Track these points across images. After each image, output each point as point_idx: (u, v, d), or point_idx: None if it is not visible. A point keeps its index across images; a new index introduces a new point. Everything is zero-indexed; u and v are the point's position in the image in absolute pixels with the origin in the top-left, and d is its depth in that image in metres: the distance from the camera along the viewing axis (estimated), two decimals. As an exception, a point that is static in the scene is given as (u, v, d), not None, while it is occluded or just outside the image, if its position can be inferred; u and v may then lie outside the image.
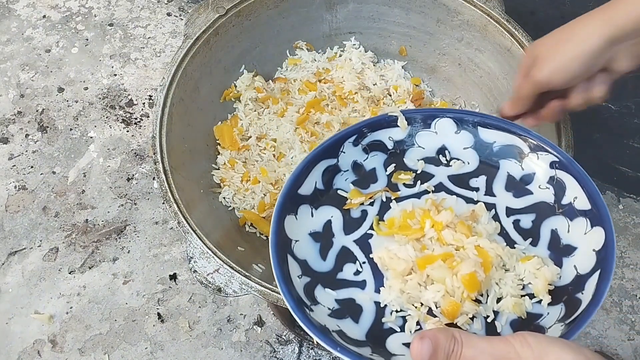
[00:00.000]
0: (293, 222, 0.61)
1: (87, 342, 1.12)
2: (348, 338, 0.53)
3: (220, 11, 0.88)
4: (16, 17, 1.54)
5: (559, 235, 0.59)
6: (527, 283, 0.57)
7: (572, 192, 0.60)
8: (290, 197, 0.62)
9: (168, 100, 0.82)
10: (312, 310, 0.55)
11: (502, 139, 0.64)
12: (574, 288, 0.55)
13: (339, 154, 0.66)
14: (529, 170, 0.63)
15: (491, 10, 0.87)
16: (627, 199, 1.26)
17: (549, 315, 0.54)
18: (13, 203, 1.27)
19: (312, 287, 0.58)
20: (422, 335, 0.45)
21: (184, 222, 0.73)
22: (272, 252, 0.57)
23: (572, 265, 0.56)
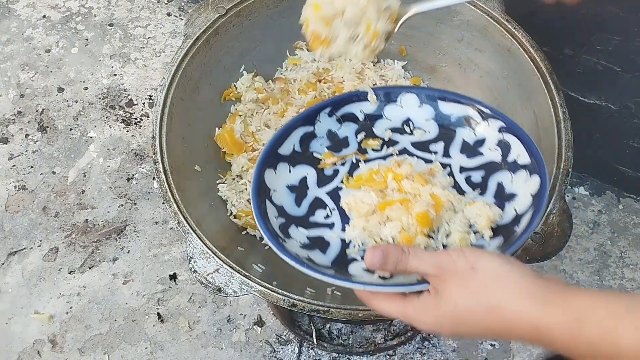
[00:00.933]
0: (272, 175, 0.70)
1: (87, 342, 1.12)
2: (315, 264, 0.61)
3: (220, 11, 0.88)
4: (16, 17, 1.54)
5: (504, 186, 0.68)
6: (473, 223, 0.65)
7: (516, 151, 0.68)
8: (271, 155, 0.71)
9: (168, 100, 0.82)
10: (285, 241, 0.63)
11: (459, 110, 0.73)
12: (512, 224, 0.63)
13: (315, 123, 0.75)
14: (481, 135, 0.72)
15: (491, 10, 0.87)
16: (627, 199, 1.26)
17: (489, 246, 0.62)
18: (13, 203, 1.27)
19: (287, 227, 0.66)
20: (375, 247, 0.52)
21: (184, 222, 0.73)
22: (252, 195, 0.66)
23: (512, 208, 0.65)
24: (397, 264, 0.51)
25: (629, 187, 1.26)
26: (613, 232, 1.22)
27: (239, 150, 0.91)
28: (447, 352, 1.11)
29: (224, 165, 0.94)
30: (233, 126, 0.93)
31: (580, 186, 1.28)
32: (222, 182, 0.90)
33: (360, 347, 1.10)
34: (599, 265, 1.18)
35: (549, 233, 0.70)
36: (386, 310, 0.54)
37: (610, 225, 1.23)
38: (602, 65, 1.04)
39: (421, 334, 1.12)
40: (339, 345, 1.10)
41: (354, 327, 1.13)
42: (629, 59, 1.00)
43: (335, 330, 1.12)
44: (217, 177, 0.91)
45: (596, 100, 1.11)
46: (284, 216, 0.68)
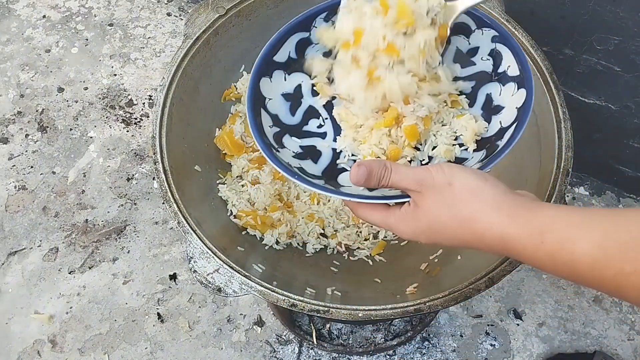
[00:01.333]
0: (268, 83, 0.70)
1: (87, 342, 1.12)
2: (306, 173, 0.63)
3: (220, 11, 0.88)
4: (16, 17, 1.54)
5: (492, 98, 0.68)
6: (459, 135, 0.66)
7: (506, 62, 0.68)
8: (266, 62, 0.70)
9: (168, 100, 0.82)
10: (278, 151, 0.64)
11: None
12: (496, 138, 0.64)
13: (311, 29, 0.73)
14: (475, 44, 0.71)
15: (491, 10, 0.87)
16: (627, 199, 1.26)
17: (472, 159, 0.64)
18: (13, 203, 1.27)
19: (281, 136, 0.67)
20: (359, 163, 0.54)
21: (184, 222, 0.73)
22: (247, 104, 0.66)
23: (498, 121, 0.65)
24: (380, 179, 0.54)
25: (629, 187, 1.26)
26: (613, 232, 1.22)
27: (239, 152, 0.91)
28: (447, 352, 1.11)
29: (224, 165, 0.94)
30: (232, 127, 0.93)
31: (580, 186, 1.28)
32: (222, 182, 0.90)
33: (360, 347, 1.10)
34: (599, 265, 1.18)
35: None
36: (370, 219, 0.58)
37: (610, 225, 1.23)
38: (602, 65, 1.04)
39: (421, 334, 1.12)
40: (339, 345, 1.10)
41: (354, 327, 1.13)
42: (629, 59, 1.00)
43: (335, 330, 1.12)
44: (217, 177, 0.91)
45: (596, 100, 1.11)
46: (278, 125, 0.69)
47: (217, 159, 0.93)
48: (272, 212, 0.85)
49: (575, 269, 0.45)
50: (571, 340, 1.12)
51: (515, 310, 1.15)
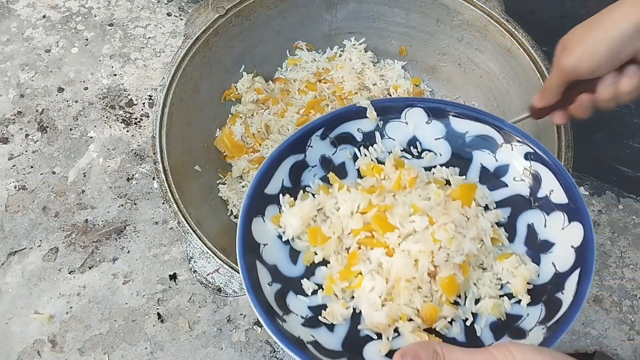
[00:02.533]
0: (260, 224, 0.58)
1: (87, 342, 1.12)
2: (324, 349, 0.51)
3: (220, 11, 0.88)
4: (16, 17, 1.54)
5: (536, 230, 0.57)
6: (505, 282, 0.55)
7: (548, 185, 0.58)
8: (257, 198, 0.59)
9: (168, 100, 0.82)
10: (284, 320, 0.53)
11: (475, 129, 0.62)
12: (553, 287, 0.53)
13: (306, 149, 0.63)
14: (503, 161, 0.61)
15: (491, 10, 0.87)
16: (627, 199, 1.26)
17: (528, 316, 0.53)
18: (13, 203, 1.27)
19: (284, 295, 0.55)
20: (403, 353, 0.44)
21: (184, 222, 0.73)
22: (239, 259, 0.54)
23: (550, 263, 0.55)
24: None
25: (629, 187, 1.26)
26: (613, 232, 1.22)
27: (239, 153, 0.91)
28: (447, 352, 1.11)
29: (224, 165, 0.94)
30: (232, 129, 0.93)
31: (580, 186, 1.28)
32: (222, 182, 0.90)
33: (360, 347, 1.10)
34: (599, 265, 1.18)
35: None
36: None
37: (610, 225, 1.23)
38: (602, 65, 1.04)
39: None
40: (339, 345, 1.10)
41: (354, 327, 1.13)
42: (629, 59, 1.00)
43: None
44: (218, 177, 0.91)
45: (596, 100, 1.11)
46: (279, 280, 0.56)
47: (217, 159, 0.93)
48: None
49: None
50: (571, 340, 1.12)
51: (515, 310, 1.15)
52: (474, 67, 0.95)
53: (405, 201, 0.56)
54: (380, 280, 0.53)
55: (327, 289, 0.56)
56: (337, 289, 0.55)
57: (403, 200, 0.56)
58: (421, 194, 0.57)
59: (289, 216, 0.58)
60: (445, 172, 0.61)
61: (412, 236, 0.54)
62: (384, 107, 0.64)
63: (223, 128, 0.93)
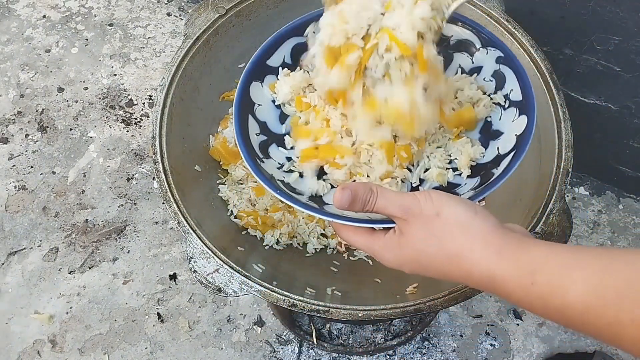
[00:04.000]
0: (259, 88, 0.67)
1: (87, 342, 1.12)
2: (290, 187, 0.60)
3: (220, 11, 0.88)
4: (16, 17, 1.54)
5: (492, 122, 0.65)
6: (453, 159, 0.64)
7: (509, 85, 0.64)
8: (259, 66, 0.67)
9: (168, 100, 0.82)
10: (263, 162, 0.61)
11: (460, 32, 0.67)
12: (492, 165, 0.61)
13: (308, 33, 0.69)
14: (478, 63, 0.67)
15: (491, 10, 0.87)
16: (627, 199, 1.26)
17: (465, 185, 0.61)
18: (13, 203, 1.27)
19: (267, 145, 0.64)
20: (344, 186, 0.51)
21: (184, 222, 0.73)
22: (235, 108, 0.62)
23: (495, 147, 0.62)
24: (365, 204, 0.51)
25: (629, 187, 1.26)
26: (613, 232, 1.22)
27: (235, 159, 0.90)
28: (447, 352, 1.11)
29: (224, 166, 0.94)
30: (225, 136, 0.92)
31: (580, 186, 1.28)
32: (222, 182, 0.90)
33: (360, 347, 1.10)
34: (599, 265, 1.18)
35: (548, 233, 0.70)
36: (353, 242, 0.55)
37: (610, 225, 1.23)
38: (602, 65, 1.04)
39: (421, 334, 1.12)
40: (339, 345, 1.10)
41: (354, 327, 1.13)
42: (629, 59, 1.00)
43: (335, 330, 1.12)
44: (218, 177, 0.91)
45: (596, 100, 1.11)
46: (266, 133, 0.65)
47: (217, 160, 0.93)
48: (274, 212, 0.85)
49: (567, 315, 0.42)
50: (571, 340, 1.12)
51: (515, 310, 1.15)
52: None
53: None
54: (348, 142, 0.63)
55: (302, 158, 0.65)
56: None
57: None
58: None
59: (282, 84, 0.67)
60: None
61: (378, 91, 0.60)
62: None
63: (216, 135, 0.93)
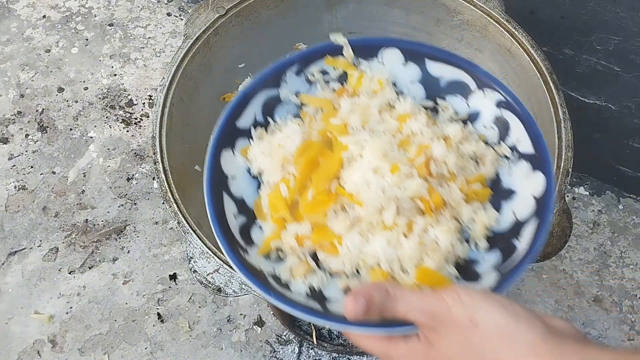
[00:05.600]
0: (230, 157, 0.58)
1: (87, 342, 1.12)
2: (283, 282, 0.51)
3: (220, 11, 0.88)
4: (16, 17, 1.54)
5: (500, 177, 0.57)
6: (465, 227, 0.55)
7: (516, 134, 0.57)
8: (228, 130, 0.59)
9: (168, 100, 0.82)
10: (246, 251, 0.52)
11: (450, 73, 0.60)
12: (511, 234, 0.53)
13: (281, 84, 0.62)
14: (475, 108, 0.60)
15: (491, 10, 0.87)
16: (627, 199, 1.26)
17: (484, 261, 0.53)
18: (13, 203, 1.27)
19: (248, 227, 0.55)
20: (356, 293, 0.43)
21: (184, 222, 0.73)
22: (205, 189, 0.55)
23: (510, 211, 0.54)
24: (383, 309, 0.43)
25: (629, 187, 1.26)
26: (613, 232, 1.22)
27: None
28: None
29: (224, 165, 0.93)
30: None
31: (580, 186, 1.28)
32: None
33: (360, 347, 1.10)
34: (599, 265, 1.18)
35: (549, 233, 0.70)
36: (367, 348, 0.47)
37: (610, 225, 1.23)
38: (602, 65, 1.04)
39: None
40: (339, 345, 1.10)
41: (354, 327, 1.13)
42: (629, 59, 1.00)
43: (335, 330, 1.13)
44: (217, 177, 0.91)
45: (596, 100, 1.11)
46: (244, 212, 0.56)
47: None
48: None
49: None
50: (571, 340, 1.12)
51: None
52: (474, 67, 0.95)
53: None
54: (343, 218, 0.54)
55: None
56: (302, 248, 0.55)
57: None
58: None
59: (257, 150, 0.58)
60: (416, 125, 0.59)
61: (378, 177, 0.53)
62: (360, 46, 0.62)
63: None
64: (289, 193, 0.55)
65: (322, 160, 0.55)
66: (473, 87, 0.60)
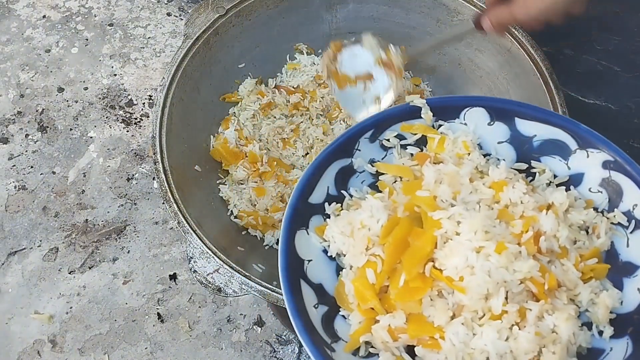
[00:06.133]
0: (304, 238, 0.52)
1: (87, 342, 1.12)
2: None
3: (220, 11, 0.88)
4: (16, 17, 1.54)
5: (617, 249, 0.50)
6: (583, 310, 0.48)
7: (631, 198, 0.50)
8: (300, 208, 0.53)
9: (168, 100, 0.82)
10: (333, 350, 0.47)
11: (544, 132, 0.55)
12: (639, 317, 0.46)
13: (354, 153, 0.57)
14: (577, 170, 0.54)
15: (491, 11, 0.87)
16: (627, 199, 1.26)
17: (612, 351, 0.45)
18: (13, 203, 1.27)
19: (331, 318, 0.49)
20: None
21: (184, 222, 0.73)
22: (282, 280, 0.48)
23: (635, 288, 0.47)
24: None
25: (629, 187, 1.26)
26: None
27: (235, 160, 0.90)
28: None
29: (224, 166, 0.94)
30: (226, 137, 0.92)
31: (580, 186, 1.28)
32: (222, 182, 0.90)
33: (360, 347, 1.10)
34: (599, 265, 1.18)
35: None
36: None
37: (610, 225, 1.23)
38: (602, 65, 1.04)
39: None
40: (339, 345, 1.10)
41: (354, 327, 1.12)
42: (629, 59, 1.00)
43: None
44: (218, 177, 0.91)
45: (596, 100, 1.11)
46: (326, 301, 0.50)
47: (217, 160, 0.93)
48: (274, 212, 0.85)
49: None
50: (571, 340, 1.12)
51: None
52: (474, 67, 0.95)
53: None
54: (442, 307, 0.48)
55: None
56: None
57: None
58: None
59: (335, 230, 0.51)
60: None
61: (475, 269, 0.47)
62: (440, 107, 0.57)
63: (217, 136, 0.93)
64: (377, 279, 0.48)
65: (413, 240, 0.49)
66: (573, 146, 0.54)
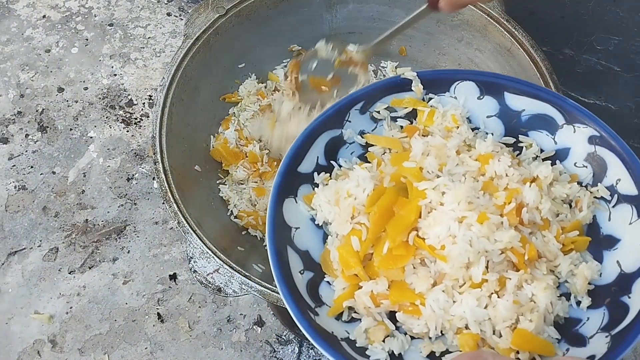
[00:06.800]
0: (292, 205, 0.53)
1: (87, 342, 1.12)
2: (359, 348, 0.47)
3: (220, 11, 0.88)
4: (16, 17, 1.54)
5: (598, 223, 0.51)
6: (563, 281, 0.49)
7: (614, 173, 0.51)
8: (289, 177, 0.53)
9: (168, 100, 0.82)
10: (316, 314, 0.48)
11: (532, 106, 0.55)
12: (617, 289, 0.46)
13: (344, 124, 0.57)
14: (563, 144, 0.54)
15: (491, 10, 0.87)
16: (627, 199, 1.26)
17: (589, 320, 0.46)
18: (13, 203, 1.27)
19: (316, 284, 0.51)
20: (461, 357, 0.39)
21: (184, 222, 0.73)
22: (269, 244, 0.50)
23: (614, 261, 0.48)
24: None
25: (629, 187, 1.26)
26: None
27: (236, 160, 0.90)
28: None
29: (224, 166, 0.94)
30: (226, 137, 0.92)
31: (580, 186, 1.28)
32: (222, 182, 0.90)
33: (360, 347, 1.10)
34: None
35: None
36: None
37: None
38: (602, 65, 1.04)
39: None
40: (339, 345, 1.10)
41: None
42: (629, 59, 1.00)
43: None
44: (218, 177, 0.91)
45: (596, 100, 1.11)
46: (311, 267, 0.51)
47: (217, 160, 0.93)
48: (273, 212, 0.85)
49: None
50: (571, 340, 1.12)
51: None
52: (473, 67, 0.95)
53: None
54: (424, 274, 0.49)
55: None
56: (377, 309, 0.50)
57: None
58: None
59: (322, 199, 0.52)
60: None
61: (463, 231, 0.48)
62: (431, 80, 0.57)
63: (217, 136, 0.93)
64: (361, 246, 0.50)
65: (397, 209, 0.50)
66: (561, 121, 0.54)
